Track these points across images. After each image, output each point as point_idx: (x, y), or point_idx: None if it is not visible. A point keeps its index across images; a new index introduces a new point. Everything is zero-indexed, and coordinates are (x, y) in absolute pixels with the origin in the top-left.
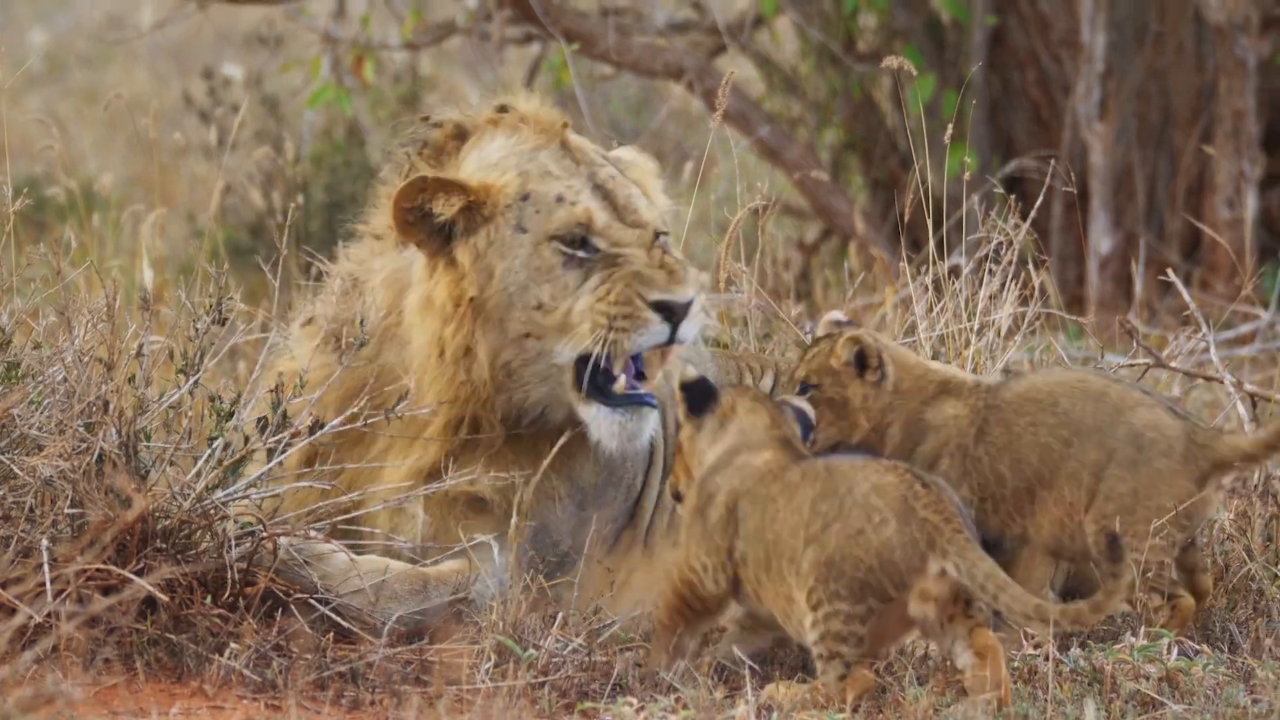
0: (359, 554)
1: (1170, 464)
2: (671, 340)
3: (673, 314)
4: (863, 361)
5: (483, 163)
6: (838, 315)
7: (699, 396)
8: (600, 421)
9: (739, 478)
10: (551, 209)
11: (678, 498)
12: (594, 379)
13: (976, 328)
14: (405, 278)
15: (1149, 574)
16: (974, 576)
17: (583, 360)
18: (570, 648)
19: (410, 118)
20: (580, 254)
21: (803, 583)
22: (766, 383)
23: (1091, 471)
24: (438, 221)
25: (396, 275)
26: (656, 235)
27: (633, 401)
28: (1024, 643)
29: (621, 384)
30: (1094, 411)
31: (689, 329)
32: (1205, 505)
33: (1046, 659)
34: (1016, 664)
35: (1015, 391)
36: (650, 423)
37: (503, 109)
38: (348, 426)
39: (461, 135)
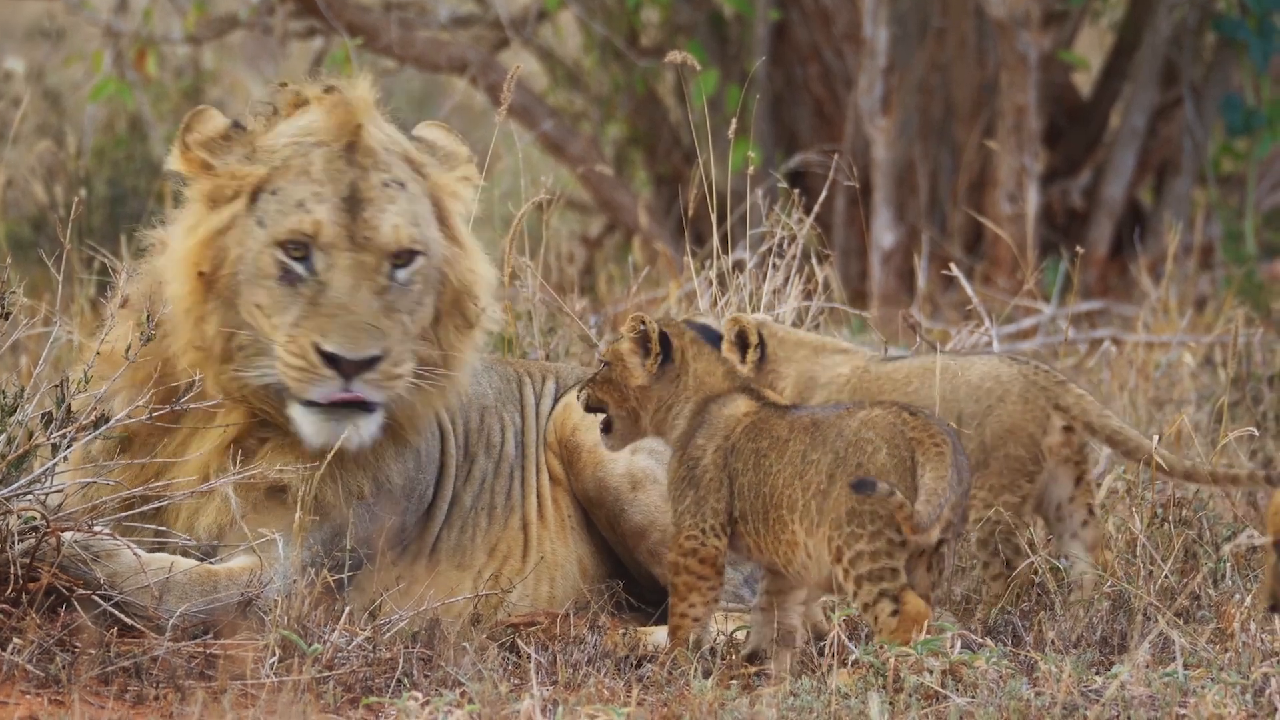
0: (163, 545)
1: (1009, 408)
2: (348, 393)
3: (340, 368)
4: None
5: (278, 139)
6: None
7: None
8: (302, 421)
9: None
10: (287, 213)
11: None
12: None
13: None
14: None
15: (992, 533)
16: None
17: None
18: (355, 642)
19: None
20: (299, 269)
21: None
22: (549, 388)
23: None
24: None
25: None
26: (397, 256)
27: (341, 406)
28: (808, 635)
29: (323, 393)
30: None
31: (371, 391)
32: (1054, 452)
33: (830, 652)
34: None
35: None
36: (371, 425)
37: (330, 89)
38: (133, 420)
39: (297, 105)
